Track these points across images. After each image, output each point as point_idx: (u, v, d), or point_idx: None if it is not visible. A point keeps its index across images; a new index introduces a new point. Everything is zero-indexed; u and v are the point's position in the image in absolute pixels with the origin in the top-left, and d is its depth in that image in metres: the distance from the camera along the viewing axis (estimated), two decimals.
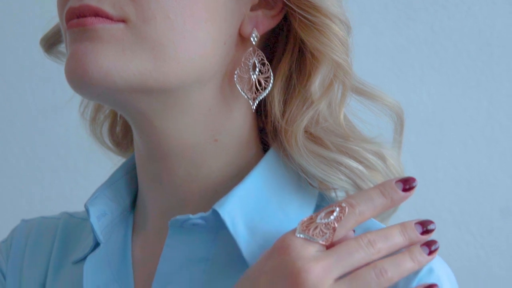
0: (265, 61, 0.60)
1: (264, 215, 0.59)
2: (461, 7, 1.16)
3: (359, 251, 0.53)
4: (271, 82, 0.60)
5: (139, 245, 0.66)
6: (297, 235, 0.53)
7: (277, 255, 0.53)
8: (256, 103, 0.60)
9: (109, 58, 0.54)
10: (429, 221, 0.55)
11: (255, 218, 0.58)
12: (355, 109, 0.63)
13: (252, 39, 0.59)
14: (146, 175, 0.64)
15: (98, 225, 0.64)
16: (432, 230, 0.55)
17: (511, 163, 1.15)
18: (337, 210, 0.54)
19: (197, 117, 0.60)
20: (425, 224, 0.55)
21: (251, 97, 0.60)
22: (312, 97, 0.59)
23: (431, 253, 0.54)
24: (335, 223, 0.54)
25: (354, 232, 0.56)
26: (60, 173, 1.24)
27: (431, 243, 0.54)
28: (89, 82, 0.54)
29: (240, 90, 0.60)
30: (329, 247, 0.54)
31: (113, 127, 0.73)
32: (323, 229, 0.54)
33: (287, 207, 0.60)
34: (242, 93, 0.60)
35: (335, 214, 0.54)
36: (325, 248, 0.53)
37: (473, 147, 1.16)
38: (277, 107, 0.61)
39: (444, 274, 0.54)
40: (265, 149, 0.64)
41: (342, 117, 0.61)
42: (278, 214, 0.59)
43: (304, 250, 0.52)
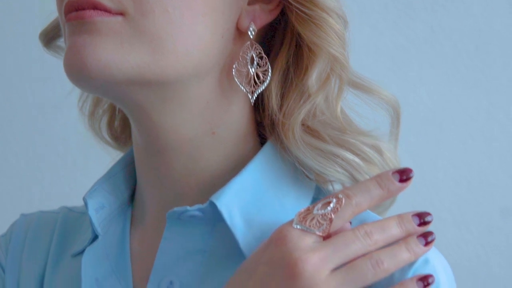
0: (263, 55, 0.60)
1: (261, 207, 0.59)
2: (460, 7, 1.16)
3: (355, 242, 0.53)
4: (269, 75, 0.60)
5: (137, 238, 0.66)
6: (294, 226, 0.54)
7: (274, 246, 0.53)
8: (255, 96, 0.60)
9: (107, 51, 0.54)
10: (426, 213, 0.55)
11: (252, 210, 0.59)
12: (352, 103, 0.63)
13: (249, 33, 0.60)
14: (144, 169, 0.64)
15: (96, 218, 0.65)
16: (429, 222, 0.55)
17: (510, 162, 1.15)
18: (334, 201, 0.54)
19: (195, 111, 0.60)
20: (422, 216, 0.55)
21: (250, 91, 0.60)
22: (309, 90, 0.60)
23: (427, 244, 0.54)
24: (332, 214, 0.54)
25: (350, 224, 0.56)
26: (59, 171, 1.24)
27: (427, 235, 0.54)
28: (88, 74, 0.54)
29: (238, 83, 0.60)
30: (326, 238, 0.54)
31: (111, 121, 0.73)
32: (320, 220, 0.54)
33: (284, 199, 0.60)
34: (240, 86, 0.60)
35: (332, 205, 0.54)
36: (322, 239, 0.54)
37: (473, 146, 1.16)
38: (274, 101, 0.61)
39: (439, 265, 0.54)
40: (263, 143, 0.64)
41: (339, 111, 0.61)
42: (275, 206, 0.60)
43: (301, 241, 0.52)
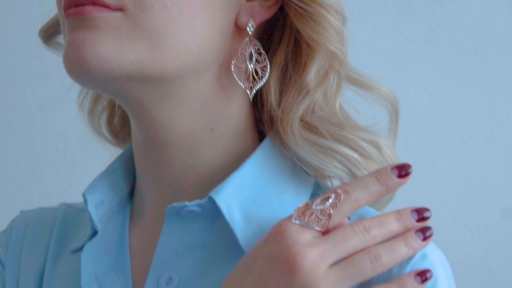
0: (262, 51, 0.60)
1: (259, 202, 0.59)
2: (460, 7, 1.17)
3: (354, 238, 0.53)
4: (268, 71, 0.60)
5: (136, 234, 0.66)
6: (293, 221, 0.54)
7: (272, 241, 0.53)
8: (253, 92, 0.61)
9: (106, 46, 0.54)
10: (425, 208, 0.55)
11: (251, 205, 0.59)
12: (350, 99, 0.64)
13: (248, 29, 0.60)
14: (143, 164, 0.64)
15: (95, 214, 0.65)
16: (427, 217, 0.55)
17: (510, 161, 1.15)
18: (332, 196, 0.54)
19: (194, 106, 0.60)
20: (420, 211, 0.55)
21: (248, 87, 0.60)
22: (308, 86, 0.60)
23: (425, 239, 0.54)
24: (331, 210, 0.54)
25: (349, 219, 0.56)
26: (59, 167, 1.24)
27: (425, 229, 0.54)
28: (87, 70, 0.54)
29: (237, 79, 0.60)
30: (324, 233, 0.54)
31: (111, 118, 0.74)
32: (319, 216, 0.54)
33: (283, 195, 0.60)
34: (239, 82, 0.60)
35: (330, 200, 0.54)
36: (321, 234, 0.54)
37: (473, 146, 1.16)
38: (273, 97, 0.61)
39: (438, 259, 0.55)
40: (261, 139, 0.64)
41: (337, 106, 0.62)
42: (273, 201, 0.60)
43: (299, 236, 0.52)
